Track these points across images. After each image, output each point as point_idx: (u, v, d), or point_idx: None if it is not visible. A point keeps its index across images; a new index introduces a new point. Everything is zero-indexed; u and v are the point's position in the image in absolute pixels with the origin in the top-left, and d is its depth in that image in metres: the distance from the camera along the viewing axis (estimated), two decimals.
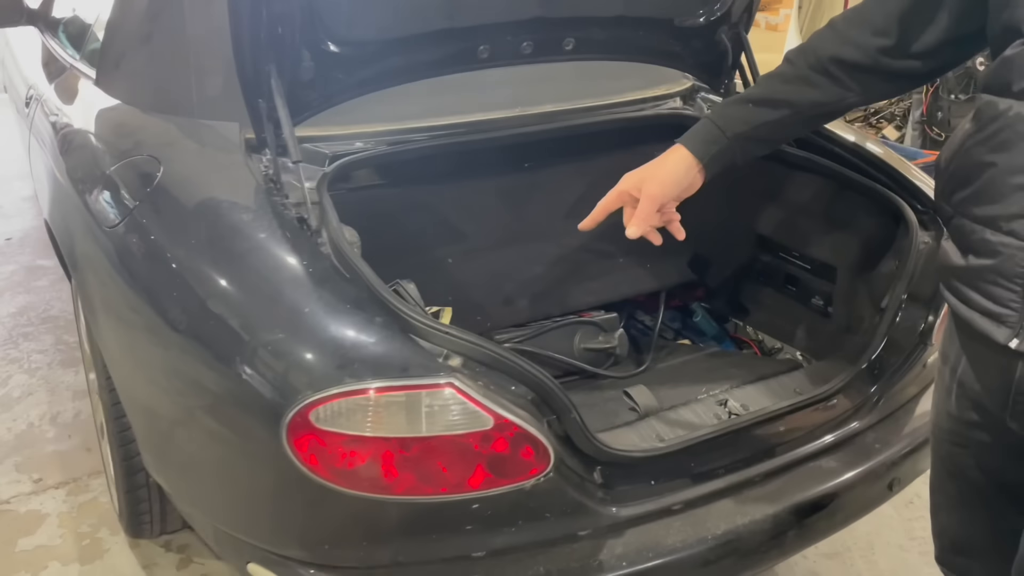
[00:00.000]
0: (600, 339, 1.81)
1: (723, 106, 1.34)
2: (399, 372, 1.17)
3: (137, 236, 1.48)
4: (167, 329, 1.35)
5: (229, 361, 1.24)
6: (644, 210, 1.27)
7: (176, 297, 1.36)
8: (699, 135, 1.29)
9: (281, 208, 1.48)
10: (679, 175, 1.27)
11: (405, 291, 1.45)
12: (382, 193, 1.83)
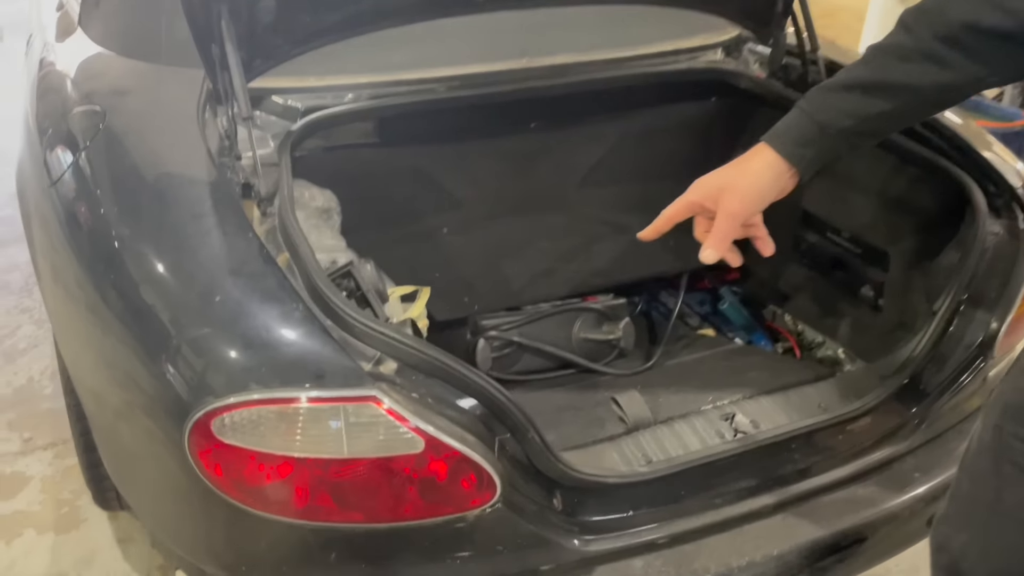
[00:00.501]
0: (603, 329, 1.59)
1: (821, 94, 1.03)
2: (313, 380, 0.98)
3: (73, 197, 1.32)
4: (103, 310, 1.19)
5: (152, 353, 1.07)
6: (723, 230, 1.02)
7: (110, 273, 1.19)
8: (791, 133, 1.01)
9: (226, 171, 1.30)
10: (765, 185, 1.01)
11: (358, 273, 1.26)
12: (366, 154, 1.63)
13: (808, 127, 1.00)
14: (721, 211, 1.01)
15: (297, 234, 1.18)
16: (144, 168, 1.28)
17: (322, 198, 1.58)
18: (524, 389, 1.52)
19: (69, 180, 1.35)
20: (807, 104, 1.02)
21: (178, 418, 1.01)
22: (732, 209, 1.00)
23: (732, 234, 1.02)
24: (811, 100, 1.02)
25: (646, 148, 1.84)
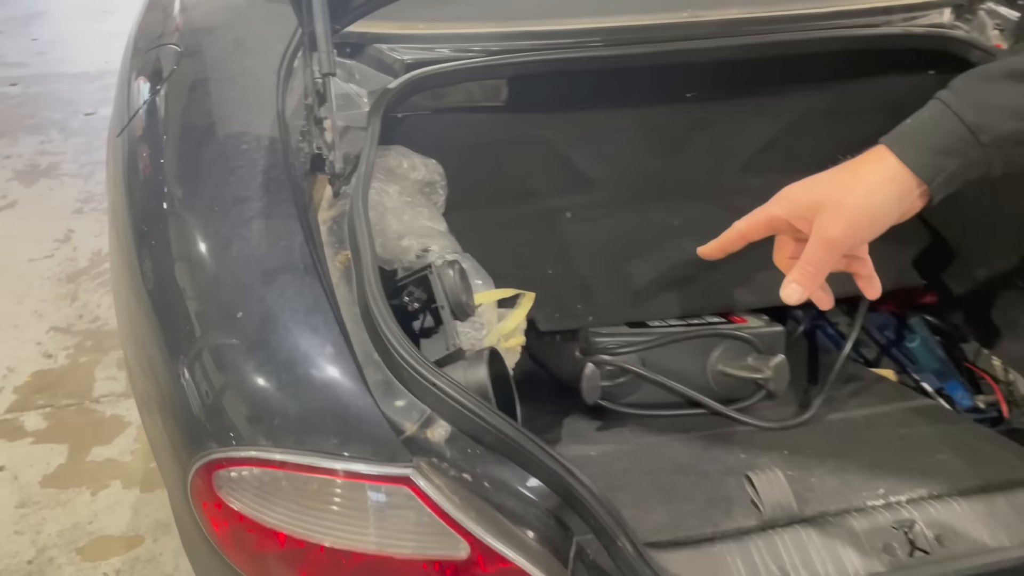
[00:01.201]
0: (749, 363, 1.26)
1: (975, 83, 0.75)
2: (335, 444, 0.75)
3: (137, 141, 1.13)
4: (139, 280, 1.00)
5: (172, 349, 0.88)
6: (815, 261, 0.75)
7: (152, 236, 1.00)
8: (926, 135, 0.74)
9: (299, 139, 1.07)
10: (881, 206, 0.73)
11: (437, 279, 1.00)
12: (480, 119, 1.36)
13: (953, 129, 0.73)
14: (816, 236, 0.74)
15: (362, 228, 0.93)
16: (203, 126, 1.08)
17: (424, 169, 1.33)
18: (638, 428, 1.23)
19: (137, 121, 1.17)
20: (953, 96, 0.74)
21: (184, 451, 0.81)
22: (831, 235, 0.73)
23: (827, 268, 0.76)
24: (959, 91, 0.75)
25: (833, 131, 1.46)
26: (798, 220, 0.76)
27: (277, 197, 0.93)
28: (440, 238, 1.27)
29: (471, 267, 1.24)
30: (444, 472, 0.74)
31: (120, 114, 1.25)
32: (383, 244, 1.23)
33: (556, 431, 1.23)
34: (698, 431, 1.22)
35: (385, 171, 1.28)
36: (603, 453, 1.17)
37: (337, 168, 1.05)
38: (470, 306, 1.03)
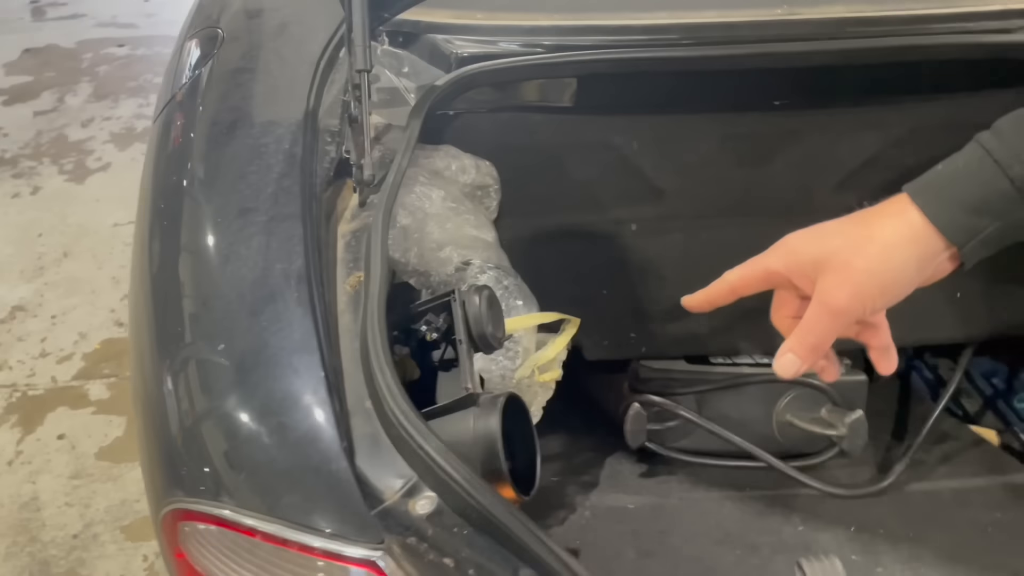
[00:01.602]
0: (822, 414, 1.11)
1: (1020, 128, 0.60)
2: (302, 512, 0.65)
3: (160, 142, 1.07)
4: (146, 269, 0.93)
5: (161, 348, 0.80)
6: (816, 330, 0.63)
7: (163, 230, 0.93)
8: (960, 188, 0.60)
9: (327, 140, 0.98)
10: (900, 271, 0.61)
11: (461, 307, 0.89)
12: (540, 120, 1.23)
13: (994, 182, 0.59)
14: (818, 301, 0.62)
15: (377, 249, 0.84)
16: (226, 123, 0.99)
17: (476, 172, 1.23)
18: (687, 478, 1.10)
19: (170, 109, 1.11)
20: (996, 141, 0.60)
21: (158, 489, 0.74)
22: (835, 303, 0.61)
23: (830, 339, 0.64)
24: (1004, 135, 0.60)
25: (947, 148, 1.26)
26: (799, 278, 0.63)
27: (285, 211, 0.84)
28: (484, 249, 1.17)
29: (513, 285, 1.13)
30: (421, 556, 0.64)
31: (160, 100, 1.19)
32: (420, 254, 1.13)
33: (593, 473, 1.12)
34: (755, 489, 1.08)
35: (431, 173, 1.18)
36: (642, 507, 1.05)
37: (366, 175, 0.96)
38: (498, 338, 0.93)
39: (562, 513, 1.04)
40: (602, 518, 1.03)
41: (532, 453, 0.88)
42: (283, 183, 0.87)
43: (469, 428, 0.79)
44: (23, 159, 3.00)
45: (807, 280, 0.62)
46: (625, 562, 0.95)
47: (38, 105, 3.37)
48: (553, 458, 1.15)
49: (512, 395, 0.86)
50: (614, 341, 1.16)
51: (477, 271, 1.13)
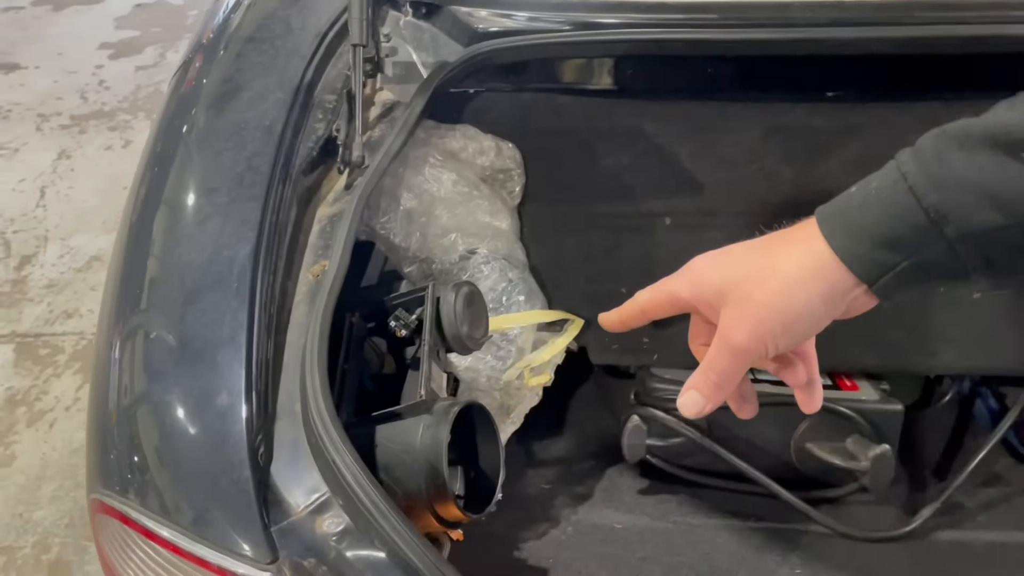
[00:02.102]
0: (847, 444, 1.00)
1: (945, 146, 0.52)
2: (198, 521, 0.62)
3: (166, 105, 1.05)
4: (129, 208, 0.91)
5: (115, 313, 0.77)
6: (719, 367, 0.57)
7: (151, 179, 0.90)
8: (869, 216, 0.53)
9: (318, 115, 0.94)
10: (804, 308, 0.54)
11: (434, 302, 0.83)
12: (566, 102, 1.15)
13: (907, 212, 0.51)
14: (719, 337, 0.56)
15: (342, 234, 0.79)
16: (218, 94, 0.96)
17: (495, 154, 1.16)
18: (686, 499, 1.02)
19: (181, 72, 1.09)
20: (914, 162, 0.53)
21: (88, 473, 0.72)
22: (735, 341, 0.55)
23: (734, 376, 0.58)
24: (923, 156, 0.53)
25: None
26: (704, 307, 0.57)
27: (246, 193, 0.80)
28: (495, 238, 1.10)
29: (518, 278, 1.07)
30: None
31: (196, 35, 1.17)
32: (422, 239, 1.08)
33: (588, 485, 1.05)
34: (760, 520, 0.99)
35: (444, 154, 1.12)
36: (630, 528, 0.97)
37: (354, 155, 0.91)
38: (475, 339, 0.87)
39: (543, 526, 0.98)
40: (584, 536, 0.96)
41: (495, 467, 0.83)
42: (253, 162, 0.83)
43: (416, 439, 0.74)
44: (120, 112, 3.11)
45: (711, 310, 0.56)
46: None
47: (141, 60, 3.48)
48: (549, 464, 1.09)
49: (472, 404, 0.80)
50: (625, 345, 1.08)
51: (481, 261, 1.07)
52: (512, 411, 0.96)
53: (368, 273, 1.06)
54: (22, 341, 2.13)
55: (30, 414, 1.92)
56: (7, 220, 2.58)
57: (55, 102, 3.22)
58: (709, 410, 0.58)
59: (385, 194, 1.06)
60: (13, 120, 3.11)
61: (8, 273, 2.37)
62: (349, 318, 0.86)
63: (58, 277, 2.35)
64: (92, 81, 3.37)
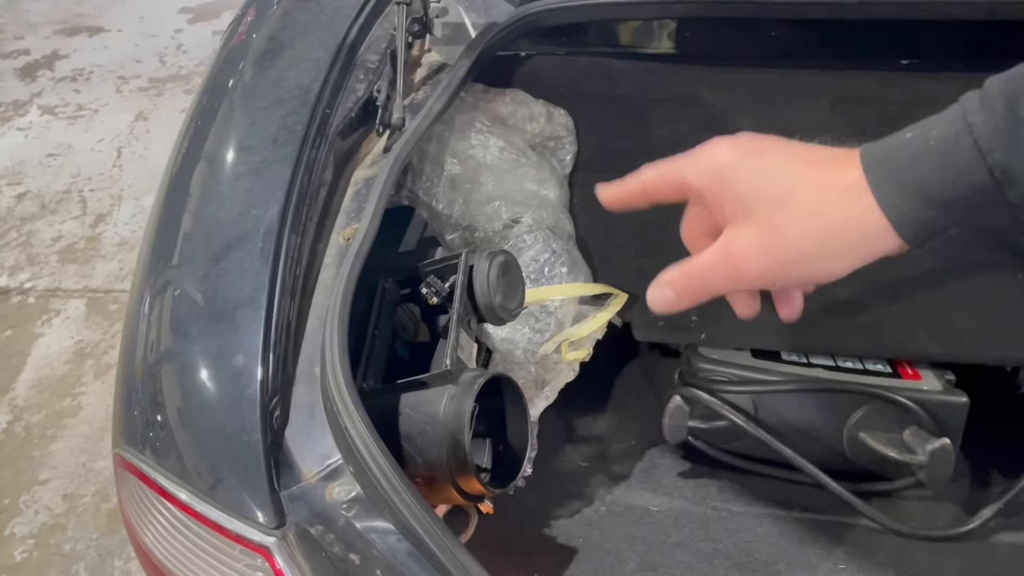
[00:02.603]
0: (904, 436, 0.94)
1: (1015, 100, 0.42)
2: (209, 482, 0.61)
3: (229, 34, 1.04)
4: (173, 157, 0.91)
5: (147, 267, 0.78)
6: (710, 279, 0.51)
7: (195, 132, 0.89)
8: (923, 169, 0.44)
9: (359, 75, 0.92)
10: (837, 253, 0.47)
11: (468, 271, 0.81)
12: (621, 67, 1.10)
13: (967, 168, 0.43)
14: (725, 251, 0.49)
15: (374, 198, 0.77)
16: (263, 52, 0.94)
17: (546, 120, 1.13)
18: (728, 484, 0.98)
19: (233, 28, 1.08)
20: (983, 113, 0.43)
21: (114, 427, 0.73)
22: (746, 269, 0.49)
23: (720, 291, 0.53)
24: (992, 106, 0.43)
25: None
26: (715, 206, 0.50)
27: (279, 152, 0.79)
28: (541, 207, 1.07)
29: (562, 249, 1.03)
30: (327, 547, 0.59)
31: None
32: (465, 206, 1.06)
33: (627, 464, 1.02)
34: (803, 510, 0.94)
35: (493, 119, 1.09)
36: (666, 511, 0.94)
37: (394, 117, 0.89)
38: (508, 309, 0.84)
39: (576, 504, 0.95)
40: (617, 516, 0.93)
41: (523, 441, 0.80)
42: (288, 122, 0.82)
43: (439, 409, 0.72)
44: (196, 76, 3.17)
45: (722, 213, 0.50)
46: (621, 572, 0.85)
47: (218, 24, 3.53)
48: (587, 441, 1.06)
49: (500, 376, 0.77)
50: (671, 323, 1.04)
51: (525, 230, 1.04)
52: (546, 385, 0.93)
53: (407, 239, 1.04)
54: (93, 296, 2.20)
55: (97, 367, 1.98)
56: (85, 179, 2.66)
57: (135, 65, 3.30)
58: (678, 308, 0.53)
59: (429, 159, 1.04)
60: (95, 82, 3.20)
61: (84, 230, 2.45)
62: (382, 283, 0.84)
63: (130, 235, 2.42)
64: (171, 45, 3.44)
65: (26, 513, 1.65)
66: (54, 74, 3.28)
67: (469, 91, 1.08)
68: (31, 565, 1.56)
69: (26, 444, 1.80)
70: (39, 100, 3.11)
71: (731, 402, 0.97)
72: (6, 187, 2.64)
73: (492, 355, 0.95)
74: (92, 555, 1.57)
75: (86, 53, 3.41)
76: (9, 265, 2.32)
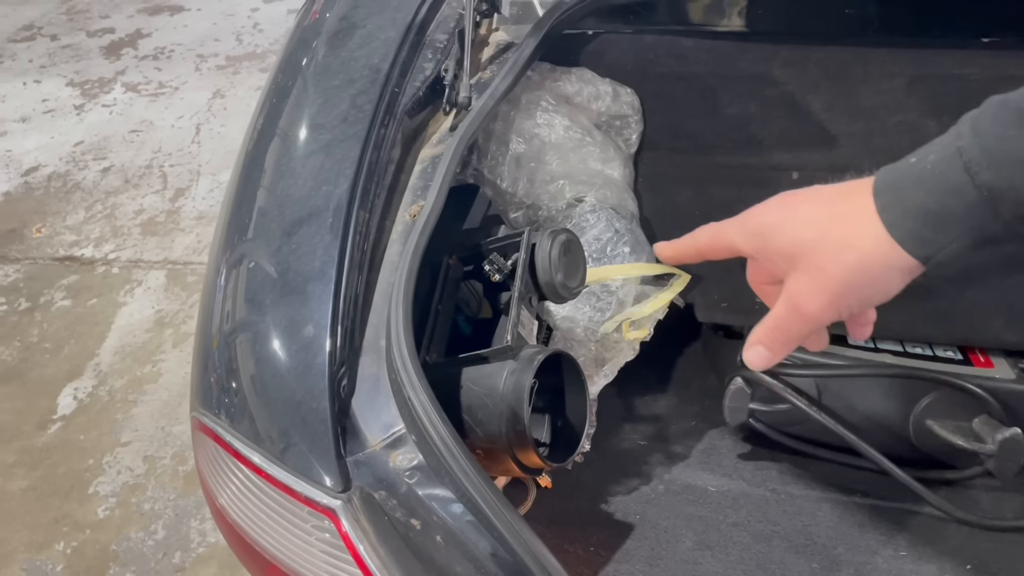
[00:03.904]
0: (973, 425, 0.92)
1: (1005, 117, 0.46)
2: (280, 447, 0.64)
3: (304, 11, 1.07)
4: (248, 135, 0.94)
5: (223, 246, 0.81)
6: (787, 329, 0.55)
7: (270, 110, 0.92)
8: (922, 191, 0.48)
9: (427, 55, 0.94)
10: (884, 283, 0.51)
11: (530, 248, 0.82)
12: (691, 46, 1.09)
13: (959, 188, 0.46)
14: (789, 302, 0.54)
15: (439, 176, 0.79)
16: (335, 32, 0.96)
17: (612, 99, 1.13)
18: (788, 467, 0.97)
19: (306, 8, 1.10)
20: (972, 136, 0.47)
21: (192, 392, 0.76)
22: (808, 311, 0.53)
23: (803, 337, 0.56)
24: (982, 127, 0.47)
25: None
26: (767, 263, 0.55)
27: (349, 131, 0.81)
28: (604, 186, 1.08)
29: (625, 229, 1.03)
30: (389, 512, 0.61)
31: None
32: (529, 185, 1.07)
33: (687, 444, 1.02)
34: (865, 496, 0.93)
35: (558, 98, 1.10)
36: (725, 492, 0.94)
37: (460, 96, 0.91)
38: (569, 288, 0.85)
39: (634, 481, 0.96)
40: (675, 495, 0.94)
41: (582, 417, 0.81)
42: (358, 101, 0.84)
43: (499, 383, 0.74)
44: (271, 54, 3.24)
45: (777, 268, 0.54)
46: (678, 550, 0.86)
47: (293, 3, 3.58)
48: (648, 420, 1.07)
49: (560, 353, 0.79)
50: (735, 304, 1.03)
51: (588, 209, 1.05)
52: (606, 364, 0.94)
53: (471, 216, 1.06)
54: (173, 268, 2.29)
55: (176, 335, 2.06)
56: (165, 154, 2.76)
57: (213, 43, 3.39)
58: (774, 363, 0.56)
59: (494, 138, 1.05)
60: (175, 60, 3.30)
61: (164, 204, 2.54)
62: (446, 260, 0.86)
63: (207, 210, 2.50)
64: (247, 24, 3.52)
65: (109, 473, 1.74)
66: (137, 52, 3.39)
67: (535, 70, 1.08)
68: (113, 522, 1.64)
69: (109, 407, 1.89)
70: (123, 77, 3.22)
71: (794, 386, 0.96)
72: (92, 162, 2.76)
73: (553, 332, 0.97)
74: (169, 515, 1.65)
75: (167, 32, 3.52)
76: (95, 236, 2.42)
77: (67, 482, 1.73)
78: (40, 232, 2.46)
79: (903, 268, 0.49)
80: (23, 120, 3.01)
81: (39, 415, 1.88)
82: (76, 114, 3.02)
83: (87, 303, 2.19)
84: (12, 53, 3.47)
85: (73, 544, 1.61)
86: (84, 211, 2.53)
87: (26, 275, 2.29)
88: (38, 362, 2.02)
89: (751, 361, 0.56)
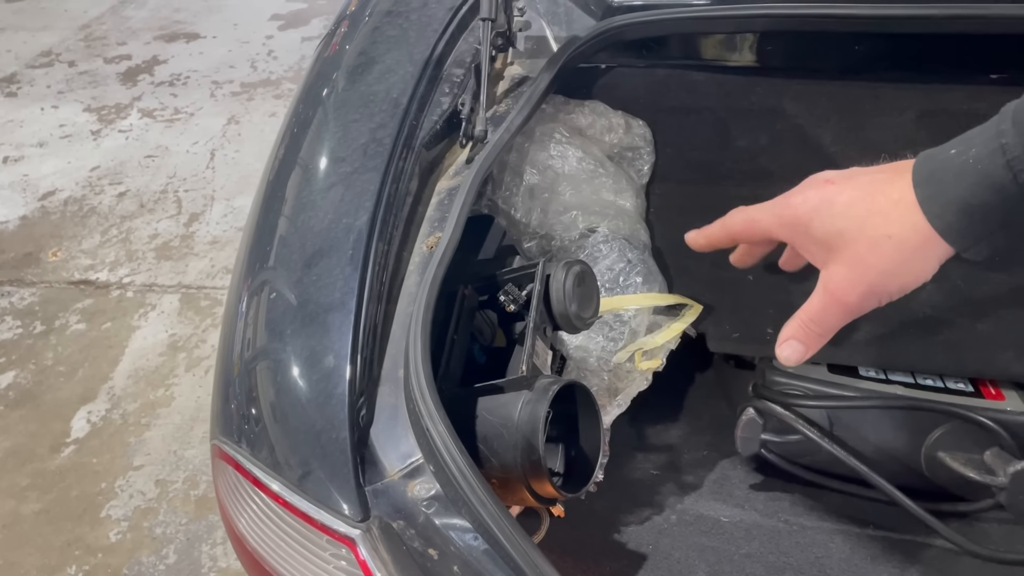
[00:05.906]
0: (985, 457, 0.92)
1: None
2: (299, 474, 0.65)
3: (324, 46, 1.09)
4: (270, 164, 0.96)
5: (245, 268, 0.84)
6: (824, 320, 0.57)
7: (291, 140, 0.95)
8: (962, 183, 0.50)
9: (445, 88, 0.96)
10: (921, 271, 0.53)
11: (544, 279, 0.83)
12: (703, 79, 1.11)
13: (1000, 182, 0.48)
14: (826, 292, 0.56)
15: (456, 209, 0.81)
16: (353, 66, 0.99)
17: (624, 131, 1.14)
18: (800, 498, 0.98)
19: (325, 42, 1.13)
20: (1013, 132, 0.48)
21: (212, 418, 0.78)
22: (847, 300, 0.55)
23: (838, 327, 0.58)
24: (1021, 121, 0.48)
25: None
26: (804, 251, 0.57)
27: (369, 164, 0.83)
28: (618, 217, 1.09)
29: (637, 259, 1.05)
30: (407, 542, 0.62)
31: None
32: (543, 215, 1.08)
33: (698, 475, 1.03)
34: (877, 528, 0.93)
35: (572, 130, 1.12)
36: (737, 523, 0.94)
37: (477, 130, 0.92)
38: (583, 319, 0.86)
39: (646, 512, 0.97)
40: (688, 526, 0.94)
41: (596, 447, 0.82)
42: (378, 134, 0.86)
43: (515, 413, 0.75)
44: (285, 81, 3.29)
45: (811, 255, 0.57)
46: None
47: (307, 31, 3.65)
48: (660, 450, 1.07)
49: (574, 383, 0.80)
50: (746, 335, 1.04)
51: (601, 240, 1.06)
52: (619, 394, 0.94)
53: (486, 246, 1.07)
54: (186, 292, 2.31)
55: (189, 360, 2.08)
56: (180, 179, 2.79)
57: (228, 70, 3.44)
58: (808, 357, 0.58)
59: (509, 169, 1.07)
60: (191, 86, 3.35)
61: (178, 229, 2.57)
62: (462, 290, 0.87)
63: (221, 235, 2.53)
64: (262, 51, 3.57)
65: (121, 496, 1.75)
66: (153, 79, 3.44)
67: (549, 102, 1.10)
68: (125, 547, 1.65)
69: (122, 431, 1.90)
70: (139, 103, 3.27)
71: (806, 416, 0.97)
72: (108, 186, 2.79)
73: (566, 362, 0.98)
74: (181, 539, 1.65)
75: (183, 59, 3.57)
76: (110, 260, 2.45)
77: (80, 505, 1.74)
78: (56, 256, 2.49)
79: (940, 255, 0.51)
80: (40, 145, 3.05)
81: (53, 438, 1.90)
82: (93, 139, 3.06)
83: (101, 327, 2.21)
84: (31, 79, 3.53)
85: (85, 568, 1.62)
86: (100, 235, 2.56)
87: (42, 298, 2.32)
88: (52, 385, 2.04)
89: (785, 357, 0.58)
